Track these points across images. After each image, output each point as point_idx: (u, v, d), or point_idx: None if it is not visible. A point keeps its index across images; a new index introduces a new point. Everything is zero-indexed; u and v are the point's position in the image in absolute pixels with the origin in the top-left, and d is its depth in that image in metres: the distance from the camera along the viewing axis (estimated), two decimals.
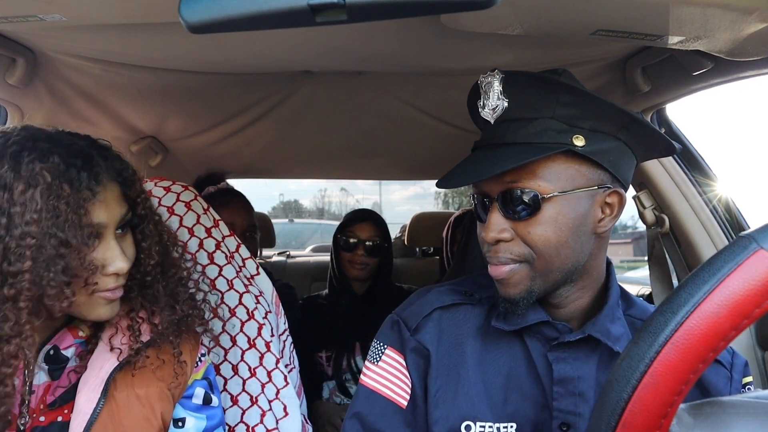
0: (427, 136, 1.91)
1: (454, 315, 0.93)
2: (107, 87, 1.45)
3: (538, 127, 0.80)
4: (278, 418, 1.11)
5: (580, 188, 0.81)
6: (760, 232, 0.41)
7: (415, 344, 0.91)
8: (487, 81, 0.84)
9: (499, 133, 0.83)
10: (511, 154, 0.80)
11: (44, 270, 0.71)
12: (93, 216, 0.76)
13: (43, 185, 0.72)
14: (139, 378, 0.85)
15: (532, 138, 0.80)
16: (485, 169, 0.81)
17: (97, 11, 0.88)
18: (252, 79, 1.46)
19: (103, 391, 0.80)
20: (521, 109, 0.81)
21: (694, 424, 0.45)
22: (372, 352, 0.95)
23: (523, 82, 0.82)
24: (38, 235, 0.71)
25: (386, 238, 2.12)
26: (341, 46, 1.17)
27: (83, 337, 0.86)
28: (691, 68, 1.14)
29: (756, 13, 0.78)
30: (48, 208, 0.71)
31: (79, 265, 0.73)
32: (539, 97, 0.81)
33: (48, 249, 0.71)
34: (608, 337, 0.84)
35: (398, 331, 0.93)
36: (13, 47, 1.17)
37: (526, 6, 0.84)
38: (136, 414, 0.83)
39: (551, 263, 0.82)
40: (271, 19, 0.49)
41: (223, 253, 1.16)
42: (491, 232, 0.82)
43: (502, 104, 0.82)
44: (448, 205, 16.50)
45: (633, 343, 0.44)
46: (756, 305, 0.40)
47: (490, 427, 0.85)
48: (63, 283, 0.72)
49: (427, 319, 0.92)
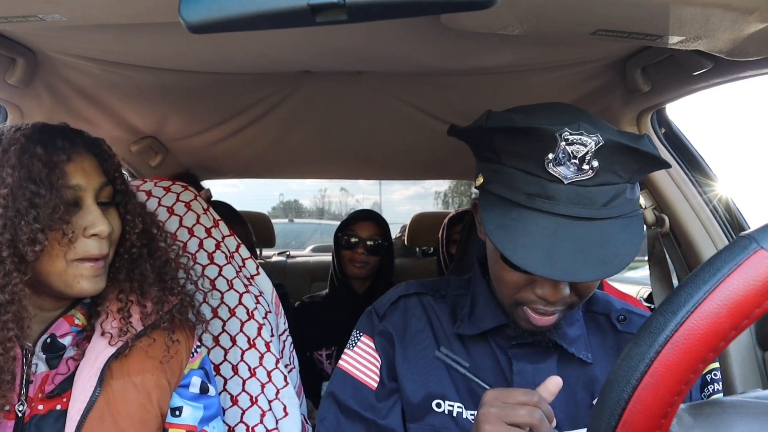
0: (427, 136, 1.91)
1: (416, 304, 0.99)
2: (107, 87, 1.45)
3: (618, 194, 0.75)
4: (278, 418, 1.11)
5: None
6: (760, 232, 0.41)
7: (382, 329, 0.98)
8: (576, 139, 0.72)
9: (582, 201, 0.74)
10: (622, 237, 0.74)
11: (15, 216, 0.76)
12: (69, 178, 0.81)
13: (17, 146, 0.79)
14: (134, 366, 0.87)
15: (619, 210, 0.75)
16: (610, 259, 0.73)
17: (97, 11, 0.88)
18: (252, 79, 1.46)
19: (98, 380, 0.82)
20: (607, 177, 0.74)
21: (694, 424, 0.45)
22: (351, 339, 1.02)
23: (622, 154, 0.74)
24: (12, 186, 0.77)
25: (387, 237, 2.13)
26: (341, 46, 1.17)
27: (79, 325, 0.88)
28: (691, 68, 1.14)
29: (756, 13, 0.78)
30: (22, 164, 0.78)
31: (51, 215, 0.77)
32: (630, 168, 0.75)
33: (20, 200, 0.76)
34: (564, 340, 0.88)
35: (370, 319, 1.01)
36: (13, 47, 1.17)
37: (526, 6, 0.84)
38: (132, 401, 0.84)
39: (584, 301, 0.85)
40: (271, 19, 0.49)
41: (223, 253, 1.16)
42: (560, 295, 0.79)
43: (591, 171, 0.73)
44: (447, 205, 16.52)
45: (633, 343, 0.44)
46: (756, 305, 0.40)
47: (460, 407, 0.89)
48: (36, 230, 0.76)
49: (393, 306, 1.00)
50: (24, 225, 0.76)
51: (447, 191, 17.08)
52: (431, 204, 17.77)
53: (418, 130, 1.85)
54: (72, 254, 0.81)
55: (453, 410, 0.89)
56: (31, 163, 0.78)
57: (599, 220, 0.74)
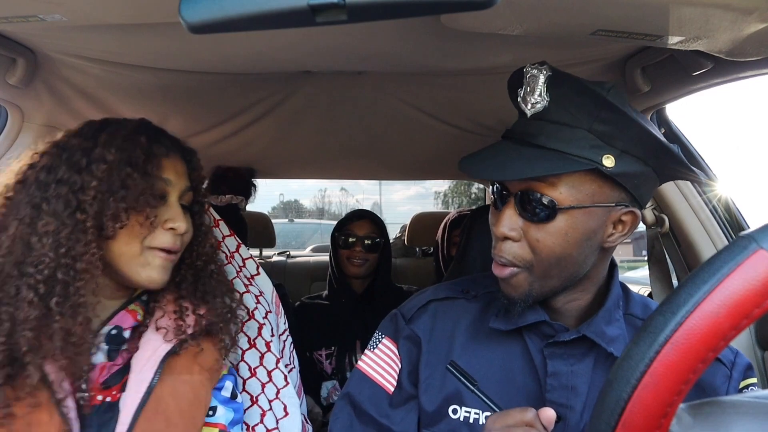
0: (427, 136, 1.91)
1: (448, 308, 0.97)
2: (107, 87, 1.45)
3: (572, 136, 0.79)
4: (278, 418, 1.11)
5: (598, 204, 0.81)
6: (760, 232, 0.41)
7: (408, 332, 0.97)
8: (533, 73, 0.82)
9: (533, 130, 0.82)
10: (542, 159, 0.79)
11: (107, 192, 0.83)
12: (163, 171, 0.90)
13: (124, 132, 0.89)
14: (185, 365, 0.90)
15: (564, 146, 0.79)
16: (513, 168, 0.80)
17: (97, 11, 0.88)
18: (252, 79, 1.46)
19: (156, 371, 0.86)
20: (560, 114, 0.80)
21: (694, 424, 0.45)
22: (372, 340, 1.01)
23: (569, 88, 0.80)
24: (111, 163, 0.84)
25: (384, 235, 2.13)
26: (341, 46, 1.17)
27: (139, 320, 0.92)
28: (691, 68, 1.14)
29: (756, 13, 0.78)
30: (124, 148, 0.86)
31: (138, 198, 0.85)
32: (581, 108, 0.79)
33: (114, 178, 0.84)
34: (602, 338, 0.85)
35: (395, 322, 1.00)
36: (14, 47, 1.17)
37: (526, 6, 0.84)
38: (183, 398, 0.88)
39: (549, 271, 0.83)
40: (271, 19, 0.49)
41: (224, 253, 1.16)
42: (502, 227, 0.83)
43: (543, 103, 0.81)
44: (447, 205, 16.52)
45: (633, 343, 0.44)
46: (756, 305, 0.40)
47: (477, 413, 0.88)
48: (121, 208, 0.84)
49: (422, 310, 0.98)
50: (112, 201, 0.83)
51: (447, 191, 17.08)
52: (431, 204, 17.76)
53: (418, 130, 1.85)
54: (148, 241, 0.87)
55: (470, 416, 0.88)
56: (132, 148, 0.86)
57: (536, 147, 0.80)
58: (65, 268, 0.81)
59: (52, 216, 0.82)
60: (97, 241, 0.83)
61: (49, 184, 0.84)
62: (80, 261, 0.81)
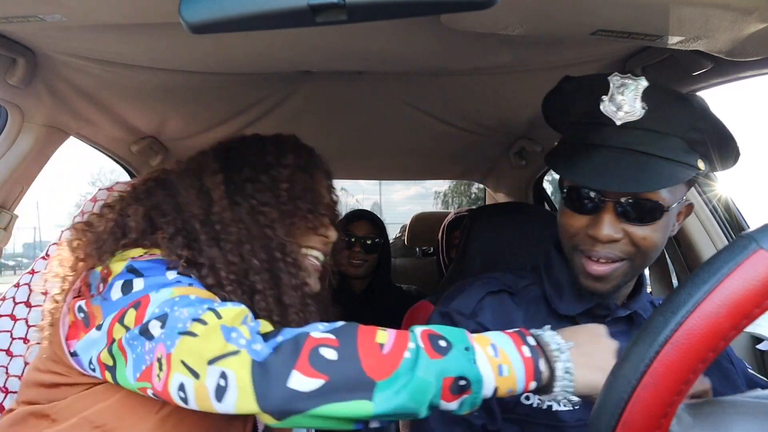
0: (427, 136, 1.91)
1: (501, 301, 1.01)
2: (107, 87, 1.45)
3: (671, 144, 0.83)
4: None
5: (680, 200, 0.89)
6: (760, 232, 0.41)
7: (474, 326, 0.97)
8: (623, 82, 0.83)
9: (632, 139, 0.83)
10: (662, 170, 0.83)
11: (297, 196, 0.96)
12: (318, 183, 1.03)
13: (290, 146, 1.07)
14: None
15: (669, 153, 0.83)
16: (641, 180, 0.82)
17: (97, 11, 0.88)
18: (252, 79, 1.46)
19: None
20: (657, 123, 0.83)
21: (694, 424, 0.46)
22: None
23: (667, 97, 0.83)
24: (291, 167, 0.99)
25: (383, 236, 2.12)
26: (341, 46, 1.17)
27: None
28: (691, 68, 1.14)
29: (756, 13, 0.78)
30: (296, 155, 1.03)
31: (317, 200, 1.00)
32: (679, 118, 0.83)
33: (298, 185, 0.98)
34: (646, 313, 0.97)
35: (451, 320, 1.00)
36: (14, 47, 1.17)
37: (526, 6, 0.84)
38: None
39: (648, 262, 0.91)
40: (271, 19, 0.49)
41: None
42: (606, 231, 0.85)
43: (639, 111, 0.82)
44: (447, 205, 16.51)
45: (633, 343, 0.44)
46: (756, 305, 0.40)
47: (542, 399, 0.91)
48: (307, 209, 0.96)
49: (481, 303, 1.01)
50: (300, 205, 0.96)
51: (447, 191, 17.08)
52: (431, 204, 17.76)
53: (418, 130, 1.85)
54: (303, 242, 0.98)
55: (543, 403, 0.91)
56: (301, 157, 1.03)
57: (641, 154, 0.83)
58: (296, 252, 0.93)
59: (269, 206, 0.92)
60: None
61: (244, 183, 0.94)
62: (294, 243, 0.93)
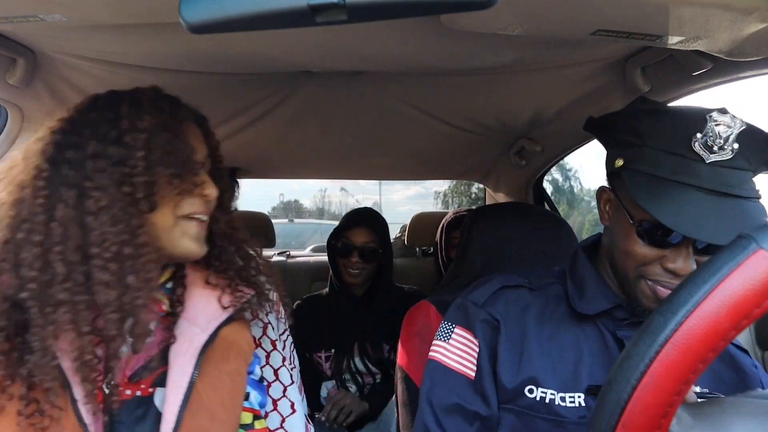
0: (427, 136, 1.91)
1: (518, 296, 1.02)
2: (107, 87, 1.44)
3: (749, 181, 0.84)
4: (285, 416, 1.11)
5: None
6: (760, 232, 0.41)
7: (485, 316, 1.00)
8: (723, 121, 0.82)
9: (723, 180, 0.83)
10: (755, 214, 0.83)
11: (155, 161, 0.81)
12: (188, 138, 0.87)
13: (148, 98, 0.86)
14: (221, 354, 0.88)
15: (753, 193, 0.84)
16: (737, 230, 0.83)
17: (97, 11, 0.88)
18: (252, 79, 1.46)
19: (194, 368, 0.83)
20: (741, 162, 0.83)
21: (694, 424, 0.46)
22: (441, 331, 1.05)
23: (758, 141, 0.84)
24: (150, 132, 0.82)
25: (383, 242, 2.04)
26: (341, 46, 1.17)
27: (165, 310, 0.88)
28: (691, 68, 1.14)
29: (756, 13, 0.78)
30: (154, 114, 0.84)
31: (183, 163, 0.83)
32: (760, 158, 0.84)
33: (157, 148, 0.81)
34: None
35: (465, 309, 1.03)
36: (14, 47, 1.17)
37: (526, 6, 0.84)
38: (223, 390, 0.85)
39: None
40: (271, 19, 0.49)
41: None
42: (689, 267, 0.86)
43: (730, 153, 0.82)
44: (447, 205, 16.52)
45: (633, 343, 0.44)
46: (756, 305, 0.40)
47: (552, 394, 0.92)
48: (172, 174, 0.82)
49: (496, 295, 1.03)
50: (161, 169, 0.80)
51: (447, 191, 17.09)
52: (431, 204, 17.78)
53: (418, 130, 1.85)
54: (181, 210, 0.84)
55: (546, 396, 0.92)
56: (161, 114, 0.83)
57: (736, 198, 0.82)
58: (129, 243, 0.78)
59: (101, 191, 0.78)
60: (147, 220, 0.81)
61: (83, 160, 0.79)
62: (139, 235, 0.78)
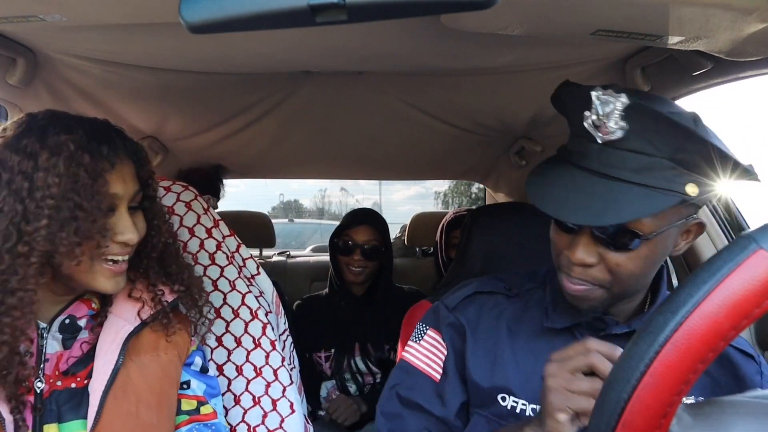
0: (427, 136, 1.91)
1: (493, 302, 1.00)
2: (107, 87, 1.45)
3: (653, 165, 0.77)
4: (284, 416, 1.11)
5: (675, 224, 0.81)
6: (760, 232, 0.41)
7: (452, 319, 1.00)
8: (605, 99, 0.77)
9: (612, 161, 0.78)
10: (632, 199, 0.76)
11: (58, 230, 0.77)
12: (110, 186, 0.82)
13: (67, 153, 0.78)
14: (148, 345, 0.91)
15: (650, 180, 0.76)
16: (608, 213, 0.76)
17: (97, 11, 0.88)
18: (252, 79, 1.46)
19: (120, 353, 0.86)
20: (639, 143, 0.77)
21: (694, 424, 0.46)
22: (415, 332, 1.05)
23: (651, 119, 0.76)
24: (57, 197, 0.77)
25: (384, 241, 2.06)
26: (341, 46, 1.17)
27: (95, 308, 0.91)
28: (691, 68, 1.14)
29: (756, 13, 0.78)
30: (69, 174, 0.78)
31: (90, 228, 0.79)
32: (666, 139, 0.76)
33: (64, 211, 0.77)
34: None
35: (437, 313, 1.03)
36: (14, 47, 1.17)
37: (526, 6, 0.84)
38: (151, 376, 0.89)
39: (627, 290, 0.85)
40: (271, 19, 0.49)
41: (224, 254, 1.16)
42: (580, 255, 0.82)
43: (621, 132, 0.77)
44: (447, 205, 16.51)
45: (633, 343, 0.44)
46: (756, 305, 0.40)
47: (524, 404, 0.91)
48: (74, 243, 0.78)
49: (467, 300, 1.01)
50: (64, 237, 0.77)
51: (447, 191, 17.07)
52: (431, 204, 17.75)
53: (418, 130, 1.85)
54: (98, 253, 0.82)
55: (517, 407, 0.91)
56: (77, 173, 0.78)
57: (620, 182, 0.77)
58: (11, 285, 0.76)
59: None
60: (40, 271, 0.78)
61: None
62: (13, 296, 0.76)
